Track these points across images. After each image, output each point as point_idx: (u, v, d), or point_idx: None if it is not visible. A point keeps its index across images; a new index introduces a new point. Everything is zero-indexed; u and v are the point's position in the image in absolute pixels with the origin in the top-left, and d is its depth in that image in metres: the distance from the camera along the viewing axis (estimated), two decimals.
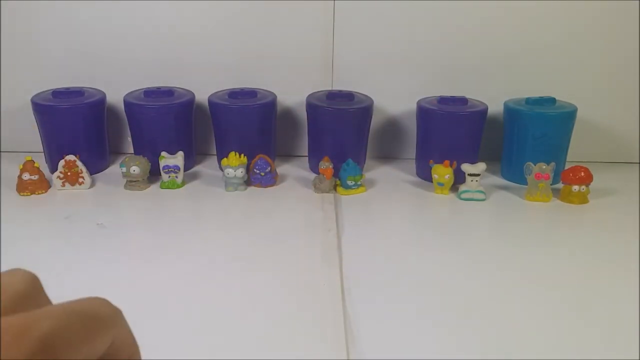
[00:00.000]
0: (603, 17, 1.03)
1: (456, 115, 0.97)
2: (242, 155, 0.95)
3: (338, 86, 1.08)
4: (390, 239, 0.83)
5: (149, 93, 1.02)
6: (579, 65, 1.06)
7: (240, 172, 0.94)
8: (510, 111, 1.01)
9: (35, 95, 1.01)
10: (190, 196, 0.96)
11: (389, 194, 0.97)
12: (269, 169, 0.97)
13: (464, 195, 0.94)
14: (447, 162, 0.94)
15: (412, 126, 1.06)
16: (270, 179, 0.98)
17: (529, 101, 1.00)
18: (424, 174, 1.02)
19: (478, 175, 0.94)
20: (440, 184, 0.95)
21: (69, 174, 0.95)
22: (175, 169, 0.96)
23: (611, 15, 1.03)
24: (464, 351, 0.59)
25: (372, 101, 1.02)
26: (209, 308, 0.65)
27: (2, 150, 1.12)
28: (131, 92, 1.03)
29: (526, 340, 0.61)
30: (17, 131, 1.09)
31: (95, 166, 1.03)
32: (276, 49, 1.06)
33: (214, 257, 0.77)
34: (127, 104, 1.01)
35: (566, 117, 0.98)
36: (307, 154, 1.08)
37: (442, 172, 0.94)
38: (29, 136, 1.05)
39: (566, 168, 0.95)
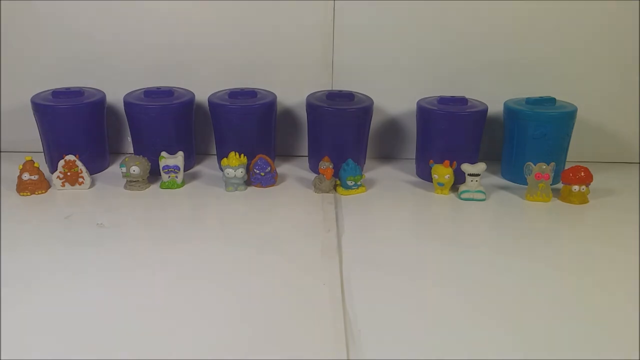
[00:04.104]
0: (603, 17, 1.03)
1: (456, 115, 0.97)
2: (242, 155, 0.95)
3: (338, 86, 1.08)
4: (390, 239, 0.83)
5: (149, 93, 1.02)
6: (579, 65, 1.06)
7: (240, 172, 0.94)
8: (510, 111, 1.01)
9: (35, 95, 1.01)
10: (190, 196, 0.96)
11: (389, 194, 0.97)
12: (269, 169, 0.97)
13: (464, 195, 0.94)
14: (447, 162, 0.94)
15: (412, 126, 1.06)
16: (270, 179, 0.98)
17: (529, 101, 1.00)
18: (424, 174, 1.02)
19: (478, 175, 0.94)
20: (440, 184, 0.95)
21: (68, 174, 0.95)
22: (175, 169, 0.96)
23: (611, 15, 1.03)
24: (464, 350, 0.59)
25: (372, 101, 1.02)
26: (208, 308, 0.66)
27: (2, 150, 1.12)
28: (131, 92, 1.03)
29: (526, 339, 0.61)
30: (17, 131, 1.09)
31: (95, 166, 1.03)
32: (276, 49, 1.06)
33: (214, 257, 0.77)
34: (127, 104, 1.01)
35: (566, 117, 0.98)
36: (307, 154, 1.08)
37: (442, 172, 0.94)
38: (29, 136, 1.05)
39: (566, 168, 0.95)
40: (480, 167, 0.94)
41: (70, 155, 0.94)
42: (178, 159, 0.96)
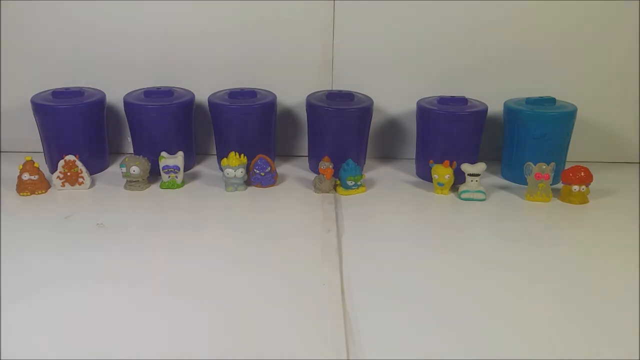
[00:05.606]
0: (603, 17, 1.03)
1: (456, 115, 0.97)
2: (242, 155, 0.95)
3: (338, 86, 1.08)
4: (390, 239, 0.83)
5: (149, 93, 1.02)
6: (579, 65, 1.06)
7: (240, 172, 0.94)
8: (510, 111, 1.01)
9: (35, 95, 1.01)
10: (190, 196, 0.96)
11: (389, 194, 0.97)
12: (269, 169, 0.97)
13: (464, 195, 0.94)
14: (447, 162, 0.94)
15: (412, 126, 1.06)
16: (270, 179, 0.98)
17: (529, 101, 1.00)
18: (424, 174, 1.02)
19: (478, 175, 0.94)
20: (440, 184, 0.95)
21: (68, 174, 0.95)
22: (175, 169, 0.96)
23: (611, 15, 1.03)
24: (464, 350, 0.59)
25: (372, 101, 1.02)
26: (208, 308, 0.66)
27: (2, 150, 1.12)
28: (131, 92, 1.03)
29: (526, 339, 0.61)
30: (17, 131, 1.09)
31: (95, 166, 1.03)
32: (276, 48, 1.06)
33: (214, 257, 0.77)
34: (127, 104, 1.01)
35: (566, 117, 0.98)
36: (307, 154, 1.08)
37: (442, 172, 0.94)
38: (29, 136, 1.05)
39: (566, 168, 0.95)
40: (480, 167, 0.94)
41: (70, 155, 0.94)
42: (178, 159, 0.96)
